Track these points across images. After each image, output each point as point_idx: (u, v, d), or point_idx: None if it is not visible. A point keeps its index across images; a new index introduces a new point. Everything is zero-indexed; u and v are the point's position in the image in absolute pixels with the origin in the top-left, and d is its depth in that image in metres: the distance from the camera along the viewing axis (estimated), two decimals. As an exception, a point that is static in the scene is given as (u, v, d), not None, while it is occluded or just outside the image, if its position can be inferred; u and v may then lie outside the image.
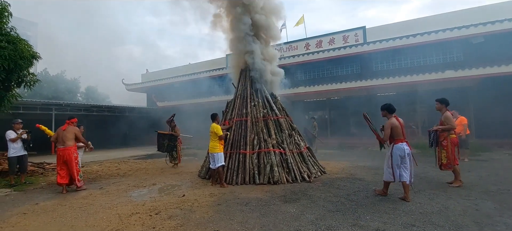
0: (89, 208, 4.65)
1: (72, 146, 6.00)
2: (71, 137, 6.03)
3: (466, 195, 4.79)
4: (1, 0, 6.85)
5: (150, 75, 25.19)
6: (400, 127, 4.69)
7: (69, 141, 5.98)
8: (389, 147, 4.83)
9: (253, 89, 7.30)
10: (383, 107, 4.95)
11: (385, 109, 4.90)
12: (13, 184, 6.52)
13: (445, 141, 5.59)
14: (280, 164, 6.19)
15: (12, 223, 4.01)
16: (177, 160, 9.06)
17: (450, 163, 5.51)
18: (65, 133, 5.99)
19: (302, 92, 15.70)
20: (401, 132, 4.67)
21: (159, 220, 3.95)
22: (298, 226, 3.57)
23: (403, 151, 4.59)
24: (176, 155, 9.08)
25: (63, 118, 9.39)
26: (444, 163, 5.56)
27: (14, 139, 6.56)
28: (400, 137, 4.67)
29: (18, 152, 6.66)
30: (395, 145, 4.67)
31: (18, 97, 7.77)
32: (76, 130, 6.17)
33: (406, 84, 13.13)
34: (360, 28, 16.19)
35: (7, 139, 6.55)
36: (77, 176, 5.96)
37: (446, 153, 5.56)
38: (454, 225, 3.48)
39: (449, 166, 5.53)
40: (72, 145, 6.00)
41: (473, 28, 12.18)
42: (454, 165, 5.49)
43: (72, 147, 5.99)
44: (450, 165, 5.51)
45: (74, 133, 6.09)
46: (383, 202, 4.46)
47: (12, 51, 6.36)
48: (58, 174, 5.88)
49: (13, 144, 6.57)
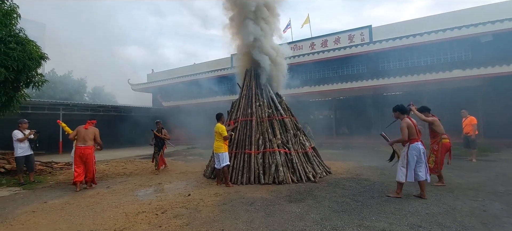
0: (97, 206, 4.71)
1: (92, 146, 6.18)
2: (92, 137, 6.21)
3: (474, 195, 4.73)
4: (10, 2, 6.99)
5: (156, 75, 25.40)
6: (414, 126, 4.72)
7: (90, 140, 6.16)
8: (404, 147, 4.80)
9: (258, 89, 7.31)
10: (395, 108, 4.95)
11: (397, 110, 4.91)
12: (22, 183, 6.64)
13: (436, 145, 5.58)
14: (285, 164, 6.19)
15: (22, 221, 4.09)
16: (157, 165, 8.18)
17: (437, 168, 5.53)
18: (87, 132, 6.17)
19: (308, 92, 15.66)
20: (415, 132, 4.70)
21: (165, 219, 3.99)
22: (303, 226, 3.56)
23: (419, 150, 4.64)
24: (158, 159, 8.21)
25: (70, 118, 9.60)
26: (431, 167, 5.52)
27: (22, 139, 6.62)
28: (414, 137, 4.69)
29: (25, 151, 6.72)
30: (411, 145, 4.67)
31: (27, 97, 7.90)
32: (96, 130, 6.33)
33: (413, 84, 13.00)
34: (366, 27, 16.08)
35: (14, 138, 6.60)
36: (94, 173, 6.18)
37: (435, 157, 5.55)
38: (461, 226, 3.44)
39: (436, 170, 5.54)
40: (92, 145, 6.18)
41: (482, 26, 12.00)
42: (440, 169, 5.52)
43: (92, 147, 6.17)
44: (437, 169, 5.53)
45: (95, 133, 6.27)
46: (389, 203, 4.43)
47: (21, 52, 6.48)
48: (75, 171, 6.00)
49: (20, 143, 6.62)
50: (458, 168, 7.10)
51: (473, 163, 8.03)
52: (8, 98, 6.84)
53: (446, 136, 5.65)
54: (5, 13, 6.81)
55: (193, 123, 17.95)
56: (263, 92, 7.30)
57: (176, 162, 10.49)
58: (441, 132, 5.65)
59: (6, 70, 6.24)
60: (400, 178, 4.72)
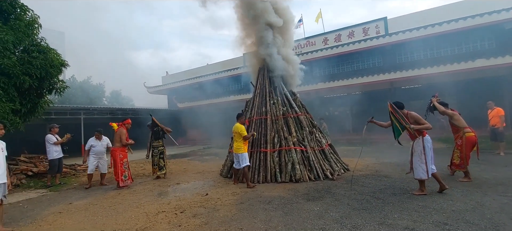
0: (119, 207, 4.84)
1: (118, 148, 6.49)
2: (117, 138, 6.55)
3: (503, 191, 4.49)
4: (31, 13, 7.29)
5: (170, 77, 25.82)
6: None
7: (116, 142, 6.55)
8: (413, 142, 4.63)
9: (271, 87, 7.27)
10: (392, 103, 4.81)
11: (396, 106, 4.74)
12: (49, 185, 6.94)
13: (460, 140, 5.34)
14: (301, 162, 6.12)
15: (50, 221, 4.26)
16: (164, 169, 7.51)
17: (463, 164, 5.27)
18: (115, 134, 6.62)
19: (322, 88, 15.42)
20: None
21: (184, 218, 4.04)
22: (323, 225, 3.50)
23: (430, 142, 4.56)
24: (164, 163, 7.52)
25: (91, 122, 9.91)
26: (457, 163, 5.32)
27: (58, 142, 7.03)
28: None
29: (59, 154, 7.13)
30: (424, 137, 4.53)
31: (50, 103, 8.22)
32: (122, 132, 6.60)
33: (433, 76, 12.49)
34: (381, 19, 15.63)
35: (50, 142, 6.94)
36: (121, 176, 6.34)
37: (460, 152, 5.30)
38: (490, 223, 3.27)
39: (462, 166, 5.29)
40: (117, 146, 6.51)
41: (505, 12, 11.34)
42: (467, 165, 5.27)
43: (117, 149, 6.48)
44: (463, 165, 5.27)
45: (119, 135, 6.56)
46: (412, 200, 4.28)
47: (43, 61, 6.74)
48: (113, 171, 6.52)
49: (55, 147, 7.01)
50: (485, 162, 6.77)
51: (501, 157, 7.65)
52: (33, 105, 7.14)
53: (470, 129, 5.38)
54: (27, 24, 7.12)
55: (208, 122, 18.11)
56: (276, 90, 7.25)
57: (193, 162, 10.63)
58: (462, 125, 5.40)
59: (30, 78, 6.52)
60: (421, 175, 4.50)
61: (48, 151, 6.98)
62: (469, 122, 5.66)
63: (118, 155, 6.39)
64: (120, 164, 6.36)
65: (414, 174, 4.62)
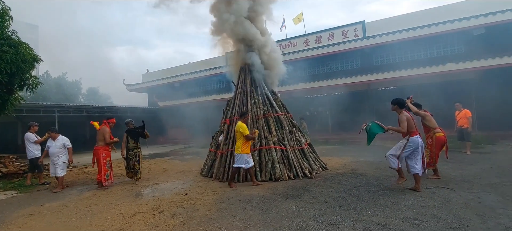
0: (94, 208, 4.71)
1: (101, 146, 6.32)
2: (100, 137, 6.38)
3: (469, 188, 4.80)
4: (2, 4, 6.91)
5: (151, 75, 25.22)
6: (412, 120, 4.86)
7: (99, 141, 6.36)
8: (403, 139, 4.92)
9: (253, 86, 7.31)
10: (394, 101, 5.01)
11: (396, 104, 4.98)
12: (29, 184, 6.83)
13: (430, 139, 5.68)
14: (281, 161, 6.22)
15: (19, 224, 4.08)
16: (139, 173, 6.82)
17: (432, 162, 5.63)
18: (98, 132, 6.46)
19: (302, 88, 15.68)
20: (414, 124, 4.83)
21: (162, 218, 3.99)
22: (300, 222, 3.59)
23: (417, 143, 4.74)
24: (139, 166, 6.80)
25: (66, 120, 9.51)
26: (427, 161, 5.60)
27: (38, 141, 6.87)
28: (413, 130, 4.81)
29: (39, 153, 6.92)
30: (411, 138, 4.77)
31: (21, 100, 7.84)
32: (105, 130, 6.43)
33: (407, 78, 13.09)
34: (359, 22, 16.10)
35: (31, 141, 6.75)
36: (104, 175, 6.20)
37: (430, 151, 5.65)
38: (456, 218, 3.49)
39: (432, 164, 5.64)
40: (101, 145, 6.33)
41: (474, 19, 12.08)
42: (436, 163, 5.62)
43: (100, 147, 6.30)
44: (433, 163, 5.62)
45: (103, 133, 6.38)
46: (385, 197, 4.48)
47: (14, 55, 6.42)
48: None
49: (35, 145, 6.85)
50: (452, 161, 7.17)
51: (468, 156, 8.12)
52: (2, 102, 6.80)
53: (439, 130, 5.72)
54: (-3, 16, 6.74)
55: (190, 122, 17.91)
56: (258, 90, 7.30)
57: (173, 161, 10.47)
58: (433, 126, 5.74)
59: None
60: (393, 165, 4.86)
61: (27, 149, 6.79)
62: (440, 122, 5.99)
63: (101, 153, 6.23)
64: (103, 163, 6.21)
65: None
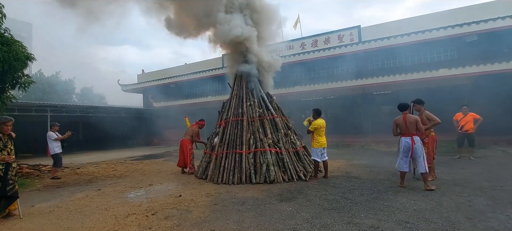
0: (86, 209, 4.64)
1: (188, 140, 7.90)
2: (190, 133, 8.03)
3: (460, 191, 4.86)
4: None
5: (146, 75, 25.09)
6: (404, 123, 5.22)
7: (188, 135, 8.01)
8: None
9: (248, 89, 7.32)
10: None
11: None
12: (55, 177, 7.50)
13: (427, 138, 5.76)
14: (276, 163, 6.22)
15: (8, 226, 4.00)
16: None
17: (429, 159, 5.68)
18: (188, 129, 8.24)
19: (298, 91, 15.75)
20: (404, 128, 5.23)
21: (155, 220, 3.96)
22: (294, 225, 3.60)
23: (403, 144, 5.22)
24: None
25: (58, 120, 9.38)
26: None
27: (59, 138, 7.63)
28: (403, 132, 5.26)
29: (59, 149, 7.69)
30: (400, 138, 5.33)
31: (13, 99, 7.72)
32: (195, 130, 8.05)
33: (400, 83, 13.24)
34: (355, 27, 16.27)
35: (51, 138, 7.56)
36: (189, 164, 7.70)
37: (427, 149, 5.70)
38: (447, 221, 3.53)
39: (428, 161, 5.69)
40: (188, 139, 7.91)
41: (467, 26, 12.30)
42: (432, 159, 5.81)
43: (187, 140, 7.88)
44: (429, 161, 5.68)
45: (193, 131, 8.02)
46: (378, 200, 4.51)
47: (6, 53, 6.30)
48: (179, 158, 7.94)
49: (56, 142, 7.63)
50: (444, 165, 7.27)
51: (462, 161, 8.04)
52: (-7, 100, 6.67)
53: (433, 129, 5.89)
54: (-11, 13, 6.63)
55: (184, 123, 17.80)
56: (253, 92, 7.31)
57: (167, 163, 10.42)
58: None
59: (-10, 72, 6.08)
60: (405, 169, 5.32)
61: (50, 147, 7.60)
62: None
63: (187, 145, 7.76)
64: (189, 153, 7.71)
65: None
